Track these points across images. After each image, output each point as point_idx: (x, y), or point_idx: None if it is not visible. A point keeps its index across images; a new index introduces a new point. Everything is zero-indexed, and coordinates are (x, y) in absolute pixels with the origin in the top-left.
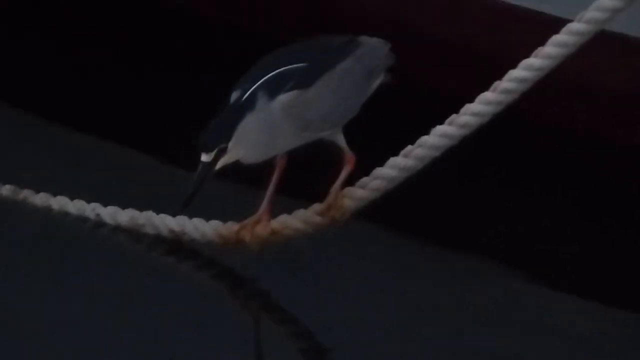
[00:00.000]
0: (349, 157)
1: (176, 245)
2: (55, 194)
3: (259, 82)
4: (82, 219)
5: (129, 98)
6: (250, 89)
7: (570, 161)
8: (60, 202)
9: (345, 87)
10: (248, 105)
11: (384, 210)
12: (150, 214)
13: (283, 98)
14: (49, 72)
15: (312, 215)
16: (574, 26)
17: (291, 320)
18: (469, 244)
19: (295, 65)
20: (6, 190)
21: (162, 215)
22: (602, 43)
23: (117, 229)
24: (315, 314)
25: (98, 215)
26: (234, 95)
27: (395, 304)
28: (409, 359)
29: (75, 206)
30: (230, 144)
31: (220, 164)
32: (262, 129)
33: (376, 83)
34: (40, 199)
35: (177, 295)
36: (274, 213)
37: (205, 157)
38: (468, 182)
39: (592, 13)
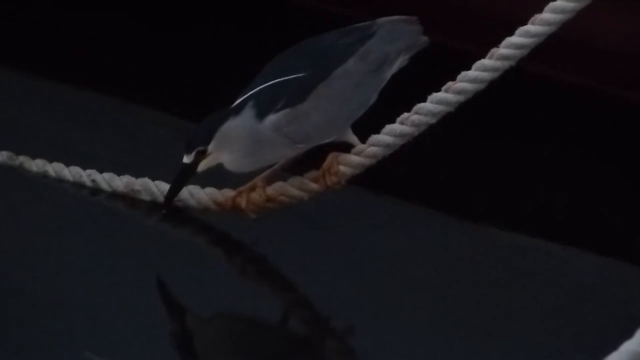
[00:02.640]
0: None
1: (173, 211)
2: (54, 156)
3: (250, 92)
4: (79, 186)
5: (129, 56)
6: (241, 98)
7: (572, 118)
8: (56, 169)
9: (344, 92)
10: (233, 112)
11: (386, 175)
12: (146, 181)
13: (273, 118)
14: (42, 30)
15: (307, 181)
16: None
17: (289, 287)
18: (471, 206)
19: (291, 77)
20: (2, 156)
21: (158, 182)
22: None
23: (114, 195)
24: (315, 281)
25: (94, 181)
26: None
27: (398, 270)
28: (409, 328)
29: (71, 172)
30: (210, 147)
31: (202, 167)
32: (247, 141)
33: (394, 68)
34: (37, 165)
35: (175, 260)
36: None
37: (186, 159)
38: (468, 141)
39: None
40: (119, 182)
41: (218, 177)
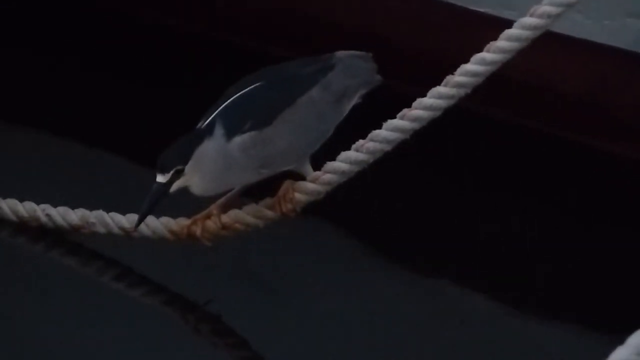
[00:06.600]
0: None
1: (126, 270)
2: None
3: (217, 111)
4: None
5: (98, 101)
6: (210, 117)
7: (529, 164)
8: (10, 204)
9: (308, 120)
10: (207, 132)
11: (346, 225)
12: (100, 213)
13: (239, 139)
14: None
15: (262, 209)
16: (526, 20)
17: (243, 345)
18: (429, 258)
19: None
20: None
21: (113, 214)
22: (565, 47)
23: (69, 253)
24: (268, 338)
25: (48, 215)
26: (199, 124)
27: (355, 325)
28: None
29: (25, 208)
30: (187, 167)
31: (175, 187)
32: (218, 162)
33: (351, 103)
34: None
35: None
36: None
37: (160, 178)
38: (427, 188)
39: (544, 7)
40: (74, 216)
41: (174, 206)
